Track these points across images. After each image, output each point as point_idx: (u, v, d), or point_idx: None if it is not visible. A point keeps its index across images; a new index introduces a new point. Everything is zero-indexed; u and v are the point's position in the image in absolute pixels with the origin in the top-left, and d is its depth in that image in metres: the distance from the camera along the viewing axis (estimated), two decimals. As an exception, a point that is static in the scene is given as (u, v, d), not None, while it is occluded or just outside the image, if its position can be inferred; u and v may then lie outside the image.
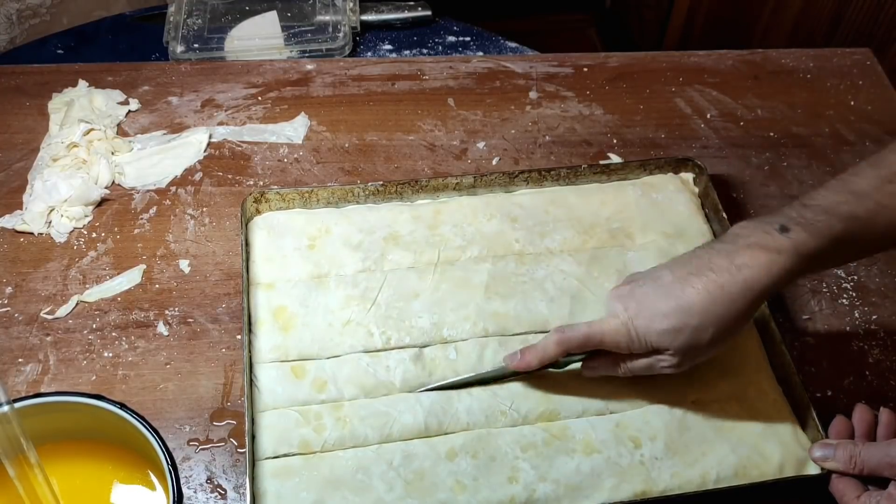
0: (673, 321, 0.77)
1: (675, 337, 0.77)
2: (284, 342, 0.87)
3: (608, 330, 0.80)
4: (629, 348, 0.80)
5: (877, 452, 0.79)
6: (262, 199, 0.97)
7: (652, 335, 0.78)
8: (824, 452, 0.81)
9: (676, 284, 0.78)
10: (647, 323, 0.78)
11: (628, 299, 0.80)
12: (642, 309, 0.79)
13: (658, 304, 0.78)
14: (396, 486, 0.79)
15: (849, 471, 0.80)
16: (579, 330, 0.81)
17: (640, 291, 0.80)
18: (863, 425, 0.83)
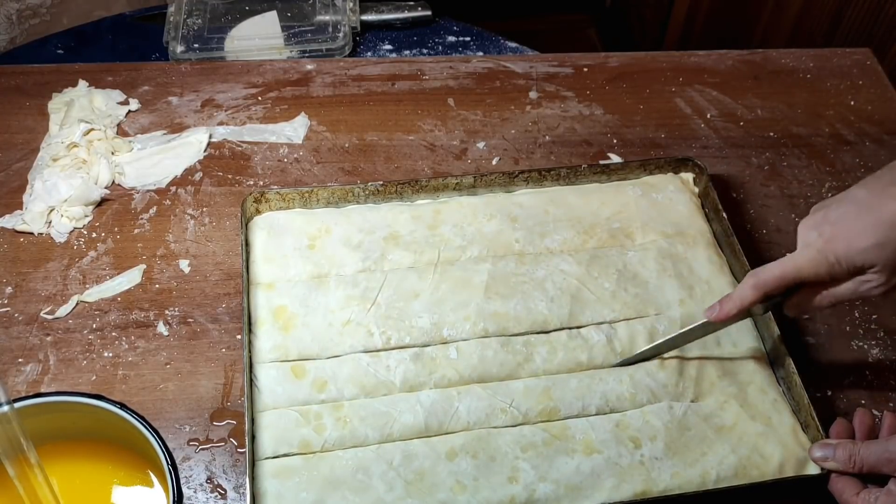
0: (876, 236, 0.74)
1: (880, 252, 0.74)
2: (284, 342, 0.87)
3: (803, 261, 0.77)
4: (830, 275, 0.77)
5: (876, 449, 0.79)
6: (262, 199, 0.97)
7: (854, 255, 0.75)
8: (824, 452, 0.81)
9: (874, 199, 0.75)
10: (847, 244, 0.75)
11: (822, 224, 0.77)
12: (838, 231, 0.76)
13: (856, 222, 0.75)
14: (396, 486, 0.79)
15: (848, 470, 0.80)
16: (773, 269, 0.79)
17: (834, 214, 0.77)
18: (863, 427, 0.83)
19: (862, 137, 1.16)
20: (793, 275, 0.78)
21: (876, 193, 0.76)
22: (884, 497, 0.76)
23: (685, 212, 1.01)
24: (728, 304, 0.82)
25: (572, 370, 0.88)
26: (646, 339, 0.90)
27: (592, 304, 0.92)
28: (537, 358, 0.88)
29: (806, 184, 1.10)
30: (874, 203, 0.75)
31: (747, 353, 0.90)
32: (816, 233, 0.78)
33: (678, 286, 0.94)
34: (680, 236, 0.98)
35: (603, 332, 0.90)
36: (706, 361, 0.89)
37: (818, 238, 0.77)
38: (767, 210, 1.07)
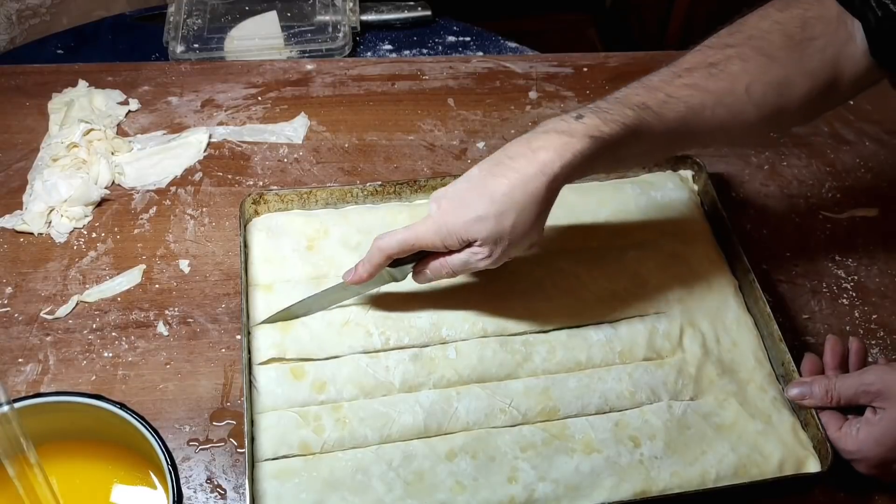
0: (477, 210, 0.78)
1: (481, 226, 0.79)
2: (283, 341, 0.87)
3: (422, 230, 0.82)
4: (444, 245, 0.81)
5: (852, 382, 0.81)
6: (260, 200, 0.97)
7: (460, 228, 0.80)
8: (801, 390, 0.84)
9: (482, 176, 0.80)
10: (455, 217, 0.80)
11: (441, 198, 0.82)
12: (453, 205, 0.80)
13: (465, 198, 0.80)
14: (396, 486, 0.79)
15: (826, 404, 0.82)
16: (396, 235, 0.83)
17: (453, 189, 0.82)
18: (835, 357, 0.86)
19: (862, 137, 1.16)
20: (412, 242, 0.82)
21: (485, 172, 0.80)
22: (864, 427, 0.80)
23: (684, 210, 1.01)
24: (360, 268, 0.85)
25: (571, 370, 0.88)
26: (645, 337, 0.90)
27: (592, 303, 0.92)
28: (536, 357, 0.88)
29: (806, 184, 1.10)
30: (480, 182, 0.79)
31: (747, 351, 0.90)
32: (436, 205, 0.82)
33: (677, 285, 0.94)
34: (679, 235, 0.98)
35: (602, 332, 0.90)
36: (705, 360, 0.89)
37: (437, 210, 0.82)
38: (767, 210, 1.07)
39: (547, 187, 0.78)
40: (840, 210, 1.08)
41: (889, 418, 0.79)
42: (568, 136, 0.78)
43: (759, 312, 0.92)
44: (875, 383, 0.80)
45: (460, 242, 0.81)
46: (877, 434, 0.79)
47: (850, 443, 0.80)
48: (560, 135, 0.78)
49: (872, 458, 0.80)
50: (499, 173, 0.79)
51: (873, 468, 0.81)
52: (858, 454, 0.80)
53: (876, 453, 0.79)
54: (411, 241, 0.82)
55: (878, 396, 0.79)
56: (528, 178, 0.77)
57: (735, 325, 0.92)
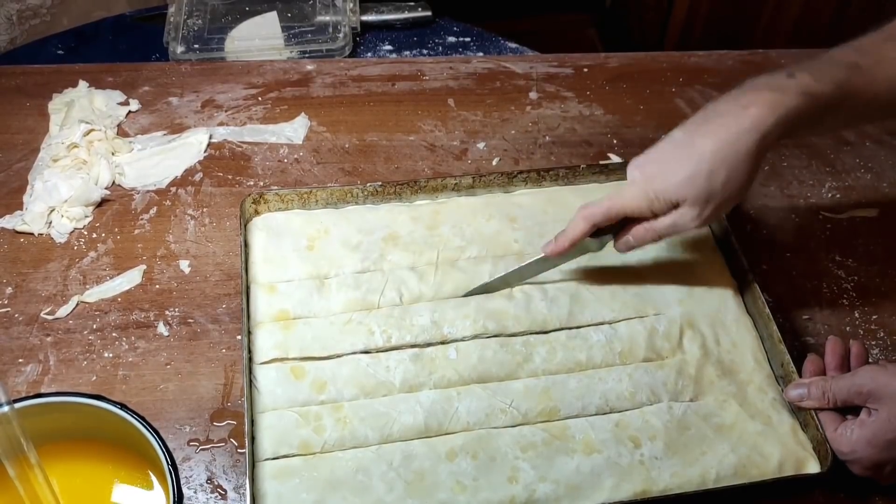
0: (686, 170, 0.79)
1: (691, 186, 0.79)
2: (285, 340, 0.87)
3: (628, 197, 0.83)
4: (651, 209, 0.82)
5: (845, 383, 0.81)
6: (260, 200, 0.97)
7: (669, 190, 0.80)
8: (799, 392, 0.84)
9: (687, 137, 0.80)
10: (663, 180, 0.80)
11: (644, 164, 0.83)
12: (658, 169, 0.81)
13: (672, 159, 0.80)
14: (396, 486, 0.79)
15: (824, 406, 0.82)
16: (602, 203, 0.84)
17: (655, 154, 0.83)
18: (835, 358, 0.86)
19: (862, 137, 1.16)
20: (618, 209, 0.84)
21: (689, 133, 0.81)
22: (857, 428, 0.79)
23: (685, 212, 1.01)
24: (562, 239, 0.86)
25: (572, 370, 0.88)
26: (645, 338, 0.90)
27: (592, 303, 0.92)
28: (537, 358, 0.88)
29: (806, 184, 1.10)
30: (686, 142, 0.80)
31: (746, 352, 0.90)
32: (639, 171, 0.83)
33: (677, 285, 0.94)
34: (678, 236, 0.98)
35: (602, 332, 0.90)
36: (705, 361, 0.89)
37: (640, 176, 0.83)
38: (767, 210, 1.07)
39: (758, 145, 0.77)
40: (840, 210, 1.08)
41: (881, 419, 0.78)
42: (780, 92, 0.77)
43: (759, 313, 0.92)
44: (867, 384, 0.79)
45: (668, 205, 0.81)
46: (868, 435, 0.79)
47: (845, 444, 0.80)
48: (772, 91, 0.78)
49: (865, 458, 0.80)
50: (707, 132, 0.79)
51: (867, 469, 0.81)
52: (852, 455, 0.80)
53: (868, 454, 0.79)
54: (617, 209, 0.84)
55: (871, 397, 0.79)
56: (739, 135, 0.77)
57: (735, 326, 0.92)
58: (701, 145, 0.79)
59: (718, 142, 0.78)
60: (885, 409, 0.78)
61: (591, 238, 0.87)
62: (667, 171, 0.80)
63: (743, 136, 0.77)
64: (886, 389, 0.78)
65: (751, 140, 0.77)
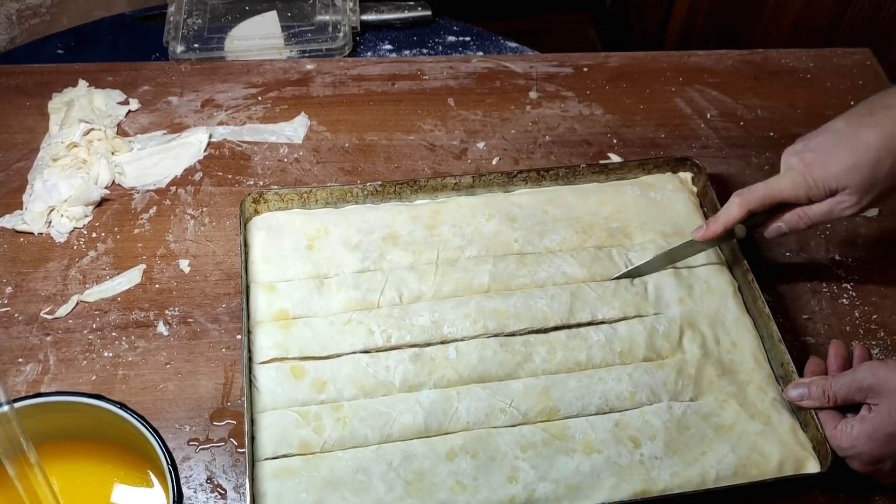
0: (850, 159, 0.81)
1: (854, 174, 0.81)
2: (285, 340, 0.87)
3: (786, 183, 0.85)
4: (808, 196, 0.84)
5: (845, 380, 0.82)
6: (260, 199, 0.97)
7: (830, 178, 0.82)
8: (799, 391, 0.84)
9: (850, 128, 0.82)
10: (824, 168, 0.82)
11: (803, 152, 0.85)
12: (818, 156, 0.83)
13: (833, 148, 0.82)
14: (396, 486, 0.79)
15: (824, 404, 0.83)
16: (759, 189, 0.86)
17: (815, 142, 0.84)
18: (838, 360, 0.87)
19: (862, 137, 1.15)
20: (775, 195, 0.86)
21: (853, 124, 0.82)
22: (858, 424, 0.80)
23: (683, 211, 1.01)
24: (716, 224, 0.89)
25: (571, 370, 0.88)
26: (645, 338, 0.90)
27: (592, 302, 0.92)
28: (536, 358, 0.88)
29: (806, 184, 1.10)
30: (850, 132, 0.82)
31: (746, 352, 0.90)
32: (797, 158, 0.85)
33: (677, 285, 0.94)
34: (678, 236, 0.98)
35: (602, 332, 0.90)
36: (705, 361, 0.89)
37: (799, 163, 0.84)
38: (767, 210, 1.07)
39: None
40: (840, 210, 1.07)
41: (881, 413, 0.79)
42: None
43: (759, 313, 0.92)
44: (866, 379, 0.80)
45: (826, 192, 0.83)
46: (868, 430, 0.79)
47: (845, 440, 0.80)
48: None
49: (866, 454, 0.80)
50: (872, 123, 0.81)
51: (867, 465, 0.81)
52: (852, 451, 0.80)
53: (868, 449, 0.79)
54: (774, 195, 0.86)
55: (871, 392, 0.80)
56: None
57: (735, 326, 0.92)
58: (866, 135, 0.81)
59: (884, 133, 0.80)
60: (886, 403, 0.78)
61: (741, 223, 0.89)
62: (828, 159, 0.82)
63: None
64: (886, 384, 0.78)
65: None
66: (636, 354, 0.89)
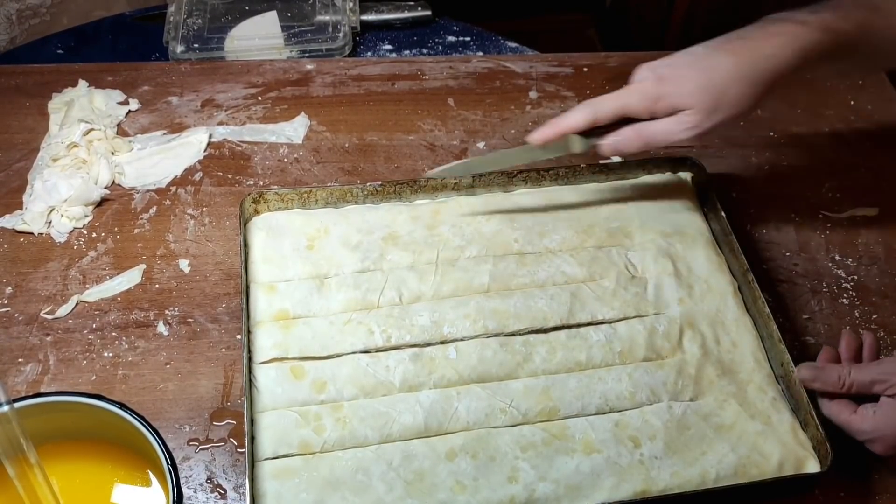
0: (700, 79, 0.81)
1: (702, 94, 0.81)
2: (285, 340, 0.87)
3: (634, 94, 0.84)
4: (652, 111, 0.84)
5: (869, 371, 0.82)
6: (260, 199, 0.97)
7: (678, 95, 0.82)
8: (812, 374, 0.84)
9: (709, 52, 0.83)
10: (675, 84, 0.82)
11: (657, 66, 0.85)
12: (671, 73, 0.83)
13: (687, 67, 0.83)
14: (396, 486, 0.79)
15: (837, 390, 0.83)
16: (607, 98, 0.85)
17: (672, 60, 0.85)
18: (850, 350, 0.87)
19: (862, 137, 1.16)
20: (623, 105, 0.85)
21: (710, 48, 0.83)
22: (881, 408, 0.80)
23: (684, 211, 1.01)
24: (554, 126, 0.87)
25: (571, 370, 0.88)
26: (645, 338, 0.90)
27: (592, 302, 0.92)
28: (536, 358, 0.88)
29: (806, 184, 1.10)
30: (706, 55, 0.83)
31: (746, 352, 0.90)
32: (650, 72, 0.84)
33: (677, 285, 0.94)
34: (678, 235, 0.98)
35: (602, 332, 0.90)
36: (705, 360, 0.89)
37: (651, 76, 0.84)
38: (767, 210, 1.07)
39: (775, 70, 0.80)
40: (840, 210, 1.08)
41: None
42: (803, 26, 0.80)
43: (759, 313, 0.92)
44: (894, 373, 0.80)
45: (670, 110, 0.83)
46: (892, 413, 0.79)
47: (868, 423, 0.81)
48: (795, 24, 0.81)
49: (890, 436, 0.80)
50: (729, 49, 0.82)
51: (891, 448, 0.81)
52: (875, 433, 0.81)
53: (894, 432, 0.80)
54: (621, 104, 0.85)
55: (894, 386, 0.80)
56: (758, 59, 0.80)
57: (735, 326, 0.92)
58: (720, 59, 0.81)
59: (738, 60, 0.80)
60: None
61: (580, 136, 0.86)
62: (681, 76, 0.82)
63: (762, 61, 0.80)
64: None
65: (768, 65, 0.80)
66: (636, 354, 0.89)
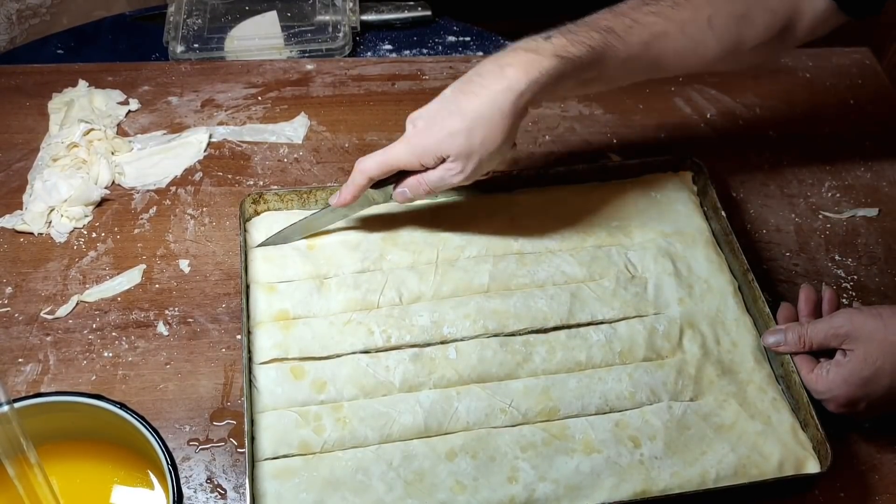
0: (449, 127, 0.83)
1: (453, 142, 0.83)
2: (285, 340, 0.87)
3: (400, 150, 0.86)
4: (420, 163, 0.86)
5: (822, 326, 0.85)
6: (260, 199, 0.97)
7: (434, 145, 0.84)
8: (776, 338, 0.87)
9: (453, 96, 0.84)
10: (429, 135, 0.84)
11: (416, 119, 0.86)
12: (426, 124, 0.85)
13: (439, 116, 0.84)
14: (396, 486, 0.79)
15: (800, 350, 0.86)
16: (376, 156, 0.87)
17: (427, 110, 0.86)
18: (808, 304, 0.90)
19: (862, 137, 1.16)
20: (391, 162, 0.87)
21: (456, 91, 0.84)
22: (834, 368, 0.83)
23: (684, 211, 1.01)
24: (345, 192, 0.90)
25: (571, 370, 0.88)
26: (645, 338, 0.90)
27: (592, 302, 0.92)
28: (536, 358, 0.88)
29: (805, 183, 1.10)
30: (452, 99, 0.84)
31: (746, 351, 0.90)
32: (412, 125, 0.86)
33: (677, 285, 0.94)
34: (679, 235, 0.98)
35: (602, 332, 0.90)
36: (705, 360, 0.89)
37: (412, 129, 0.86)
38: (767, 209, 1.07)
39: (513, 103, 0.81)
40: (840, 210, 1.08)
41: (856, 358, 0.82)
42: (535, 53, 0.82)
43: (759, 313, 0.92)
44: (843, 325, 0.83)
45: (435, 160, 0.85)
46: (845, 374, 0.82)
47: (822, 383, 0.83)
48: (528, 53, 0.82)
49: (841, 396, 0.83)
50: (469, 91, 0.83)
51: (842, 407, 0.84)
52: (829, 394, 0.83)
53: (844, 392, 0.82)
54: (390, 161, 0.86)
55: (847, 338, 0.83)
56: (496, 95, 0.81)
57: (735, 326, 0.92)
58: (463, 103, 0.82)
59: (479, 101, 0.82)
60: (861, 348, 0.82)
61: (374, 189, 0.90)
62: (433, 126, 0.84)
63: (499, 96, 0.81)
64: (862, 330, 0.82)
65: (506, 100, 0.81)
66: (636, 354, 0.89)
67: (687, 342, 0.90)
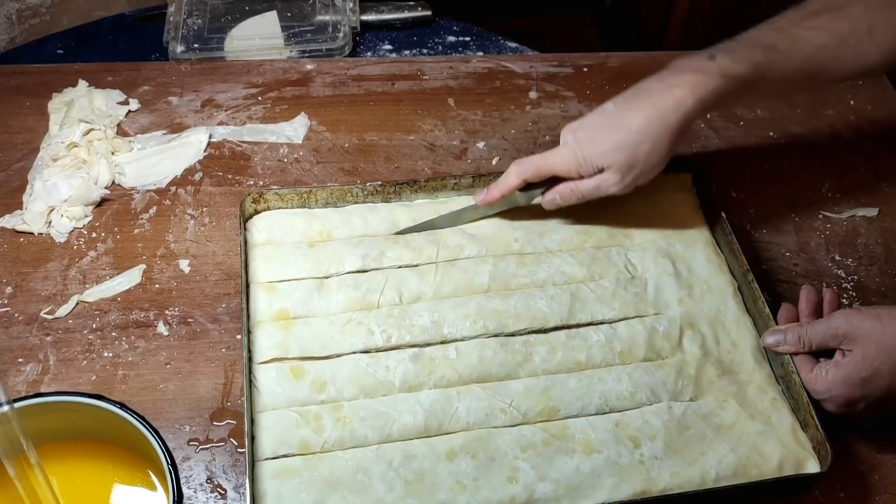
0: (614, 140, 0.87)
1: (618, 155, 0.87)
2: (285, 340, 0.87)
3: (559, 157, 0.90)
4: (578, 172, 0.90)
5: (821, 327, 0.85)
6: (260, 199, 0.97)
7: (597, 156, 0.88)
8: (776, 338, 0.88)
9: (618, 110, 0.88)
10: (593, 146, 0.88)
11: (577, 130, 0.90)
12: (589, 135, 0.89)
13: (602, 128, 0.88)
14: (396, 486, 0.79)
15: (800, 350, 0.86)
16: (534, 160, 0.91)
17: (587, 122, 0.90)
18: (809, 305, 0.90)
19: (862, 137, 1.16)
20: (548, 167, 0.91)
21: (620, 106, 0.88)
22: (833, 369, 0.83)
23: (684, 211, 1.01)
24: (494, 190, 0.94)
25: (571, 370, 0.88)
26: (645, 338, 0.90)
27: (592, 302, 0.92)
28: (536, 358, 0.88)
29: (806, 184, 1.10)
30: (617, 114, 0.88)
31: (746, 352, 0.90)
32: (572, 135, 0.90)
33: (677, 285, 0.94)
34: (678, 235, 0.98)
35: (602, 332, 0.90)
36: (705, 360, 0.89)
37: (573, 140, 0.89)
38: (767, 210, 1.07)
39: (679, 122, 0.86)
40: (840, 210, 1.08)
41: (855, 359, 0.82)
42: (702, 74, 0.85)
43: (759, 313, 0.92)
44: (842, 326, 0.83)
45: (594, 169, 0.89)
46: (843, 374, 0.82)
47: (821, 384, 0.84)
48: (694, 73, 0.86)
49: (840, 396, 0.83)
50: (635, 107, 0.87)
51: (841, 407, 0.84)
52: (828, 394, 0.84)
53: (842, 392, 0.83)
54: (547, 168, 0.91)
55: (846, 339, 0.83)
56: (664, 113, 0.85)
57: (735, 326, 0.92)
58: (630, 119, 0.86)
59: (645, 117, 0.85)
60: (860, 349, 0.82)
61: (521, 192, 0.94)
62: (597, 138, 0.88)
63: (667, 114, 0.85)
64: (860, 331, 0.82)
65: (673, 118, 0.85)
66: (636, 354, 0.89)
67: (687, 342, 0.90)
